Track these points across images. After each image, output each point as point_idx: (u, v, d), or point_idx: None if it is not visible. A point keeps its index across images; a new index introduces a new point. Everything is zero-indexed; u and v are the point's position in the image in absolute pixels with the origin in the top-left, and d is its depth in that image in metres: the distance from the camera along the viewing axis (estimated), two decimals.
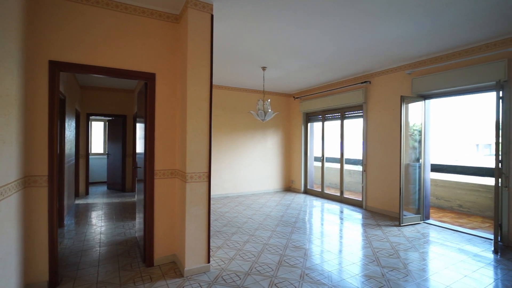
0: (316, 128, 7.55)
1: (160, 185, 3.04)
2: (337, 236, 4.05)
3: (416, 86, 4.65)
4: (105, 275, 2.76)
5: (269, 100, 5.32)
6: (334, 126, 6.78)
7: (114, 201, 6.26)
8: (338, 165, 6.71)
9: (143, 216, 3.10)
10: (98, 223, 4.52)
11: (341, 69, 5.38)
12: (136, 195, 4.22)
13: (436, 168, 7.30)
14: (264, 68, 5.23)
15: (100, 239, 3.79)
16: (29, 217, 2.47)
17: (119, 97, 7.30)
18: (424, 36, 3.70)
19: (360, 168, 6.80)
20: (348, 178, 7.88)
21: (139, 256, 3.23)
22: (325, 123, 6.91)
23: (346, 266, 3.03)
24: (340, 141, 6.37)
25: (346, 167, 6.74)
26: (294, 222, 4.69)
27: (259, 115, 5.15)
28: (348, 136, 6.41)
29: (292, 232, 4.14)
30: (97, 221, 4.66)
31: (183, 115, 2.89)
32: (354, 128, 6.53)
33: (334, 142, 6.78)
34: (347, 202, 6.22)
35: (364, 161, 5.73)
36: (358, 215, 5.19)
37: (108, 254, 3.28)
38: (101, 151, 9.58)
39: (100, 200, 6.36)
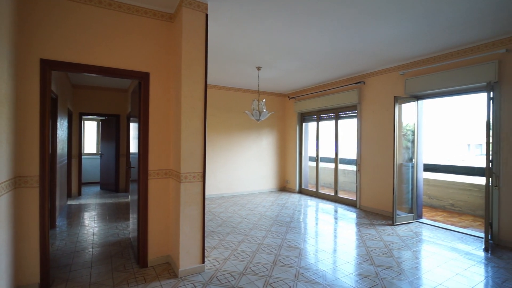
0: (310, 128, 7.58)
1: (154, 185, 3.02)
2: (331, 236, 4.07)
3: (409, 87, 4.71)
4: (98, 277, 2.73)
5: (264, 100, 5.32)
6: (328, 126, 6.82)
7: (107, 201, 6.19)
8: (332, 165, 6.76)
9: (137, 216, 3.07)
10: (91, 224, 4.47)
11: (336, 70, 5.41)
12: (129, 195, 4.18)
13: (428, 167, 7.39)
14: (259, 68, 5.23)
15: (93, 240, 3.74)
16: (20, 218, 2.42)
17: (113, 97, 7.23)
18: (417, 37, 3.74)
19: (354, 168, 6.85)
20: (342, 177, 7.93)
21: (133, 257, 3.20)
22: (320, 123, 6.94)
23: (341, 265, 3.04)
24: (335, 141, 6.41)
25: (341, 167, 6.78)
26: (289, 222, 4.71)
27: (254, 115, 5.15)
28: (343, 136, 6.45)
29: (287, 232, 4.15)
30: (90, 222, 4.61)
31: (177, 114, 2.87)
32: (348, 128, 6.59)
33: (328, 142, 6.82)
34: (342, 201, 6.26)
35: (358, 161, 5.77)
36: (352, 215, 5.23)
37: (101, 255, 3.24)
38: (94, 151, 9.46)
39: (93, 200, 6.28)
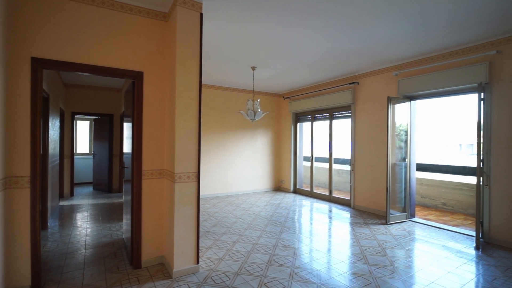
0: (305, 128, 7.61)
1: (148, 186, 2.99)
2: (326, 235, 4.10)
3: (402, 87, 4.76)
4: (91, 278, 2.70)
5: (258, 100, 5.32)
6: (323, 126, 6.85)
7: (100, 202, 6.12)
8: (327, 165, 6.80)
9: (131, 217, 3.04)
10: (83, 225, 4.41)
11: (330, 70, 5.44)
12: (123, 195, 4.14)
13: (421, 167, 7.49)
14: (253, 68, 5.23)
15: (86, 241, 3.69)
16: (10, 219, 2.38)
17: (106, 96, 7.14)
18: (411, 38, 3.78)
19: (348, 167, 6.90)
20: (336, 177, 7.98)
21: (126, 258, 3.17)
22: (314, 123, 6.97)
23: (335, 265, 3.06)
24: (329, 141, 6.45)
25: (335, 166, 6.82)
26: (284, 221, 4.72)
27: (248, 115, 5.15)
28: (337, 136, 6.49)
29: (281, 232, 4.16)
30: (83, 222, 4.55)
31: (171, 114, 2.85)
32: (343, 128, 6.63)
33: (323, 142, 6.86)
34: (336, 201, 6.30)
35: (352, 161, 5.81)
36: (347, 214, 5.26)
37: (94, 257, 3.20)
38: (86, 151, 9.35)
39: (86, 201, 6.20)
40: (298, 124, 7.53)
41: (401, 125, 4.90)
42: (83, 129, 9.43)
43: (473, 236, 3.96)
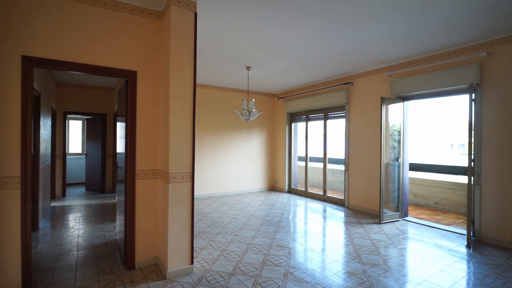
0: (300, 128, 7.64)
1: (141, 186, 2.97)
2: (320, 235, 4.12)
3: (395, 88, 4.81)
4: (83, 280, 2.66)
5: (253, 100, 5.32)
6: (317, 126, 6.88)
7: (93, 202, 6.04)
8: (321, 165, 6.83)
9: (124, 217, 3.01)
10: (75, 226, 4.35)
11: (325, 70, 5.47)
12: (116, 196, 4.10)
13: (414, 167, 7.59)
14: (248, 67, 5.23)
15: (78, 243, 3.64)
16: (0, 220, 2.33)
17: (99, 95, 7.06)
18: (404, 39, 3.82)
19: (342, 167, 6.94)
20: (331, 177, 8.03)
21: (120, 259, 3.14)
22: (309, 123, 7.00)
23: (329, 264, 3.08)
24: (323, 141, 6.48)
25: (329, 166, 6.86)
26: (278, 221, 4.72)
27: (243, 115, 5.15)
28: (331, 136, 6.53)
29: (276, 232, 4.16)
30: (75, 224, 4.48)
31: (165, 114, 2.83)
32: (337, 128, 6.67)
33: (317, 142, 6.89)
34: (330, 201, 6.33)
35: (346, 161, 5.85)
36: (341, 214, 5.30)
37: (87, 258, 3.16)
38: (79, 151, 9.22)
39: (78, 202, 6.12)
40: (293, 124, 7.55)
41: (394, 125, 4.95)
42: (75, 129, 9.30)
43: (465, 234, 4.03)
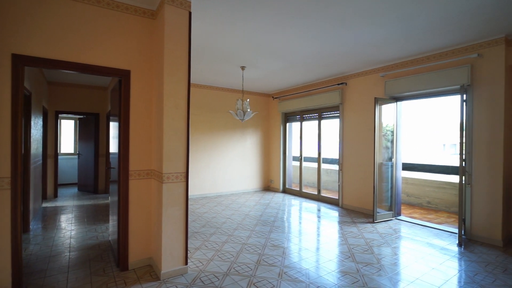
0: (294, 128, 7.66)
1: (135, 186, 2.94)
2: (314, 234, 4.13)
3: (388, 89, 4.86)
4: (76, 282, 2.62)
5: (248, 100, 5.32)
6: (312, 126, 6.91)
7: (85, 203, 5.96)
8: (315, 165, 6.86)
9: (117, 218, 2.98)
10: (68, 227, 4.28)
11: (319, 71, 5.50)
12: (109, 196, 4.05)
13: (407, 166, 7.69)
14: (243, 67, 5.22)
15: (70, 244, 3.59)
16: None
17: (91, 95, 6.96)
18: (398, 40, 3.86)
19: (336, 167, 6.99)
20: (325, 177, 8.07)
21: (113, 260, 3.10)
22: (303, 123, 7.03)
23: (323, 263, 3.10)
24: (318, 141, 6.51)
25: (323, 166, 6.90)
26: (273, 221, 4.73)
27: (238, 115, 5.14)
28: (326, 136, 6.57)
29: (270, 231, 4.17)
30: (67, 225, 4.42)
31: (159, 113, 2.81)
32: (331, 128, 6.71)
33: (312, 142, 6.92)
34: (324, 200, 6.37)
35: (340, 161, 5.89)
36: (335, 213, 5.33)
37: (79, 259, 3.12)
38: (71, 151, 9.09)
39: (70, 202, 6.03)
40: (288, 124, 7.57)
41: (387, 125, 5.00)
42: (67, 129, 9.16)
43: (456, 233, 4.09)
